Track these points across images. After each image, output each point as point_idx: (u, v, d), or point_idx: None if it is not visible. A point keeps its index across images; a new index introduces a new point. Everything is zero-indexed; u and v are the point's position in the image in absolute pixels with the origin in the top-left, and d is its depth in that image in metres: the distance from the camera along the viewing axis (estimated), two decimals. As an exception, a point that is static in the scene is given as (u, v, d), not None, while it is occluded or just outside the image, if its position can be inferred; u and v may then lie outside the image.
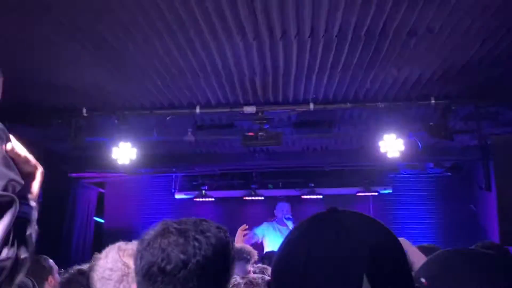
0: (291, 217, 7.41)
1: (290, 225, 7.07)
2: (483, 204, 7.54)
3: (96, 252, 2.01)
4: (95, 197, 8.53)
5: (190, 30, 3.69)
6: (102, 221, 8.79)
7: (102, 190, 8.74)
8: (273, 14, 3.50)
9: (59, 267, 6.03)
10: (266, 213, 8.15)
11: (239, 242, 4.11)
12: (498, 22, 3.69)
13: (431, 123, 5.32)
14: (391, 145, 5.39)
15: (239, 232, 4.39)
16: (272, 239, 7.09)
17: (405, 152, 5.47)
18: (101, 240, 8.65)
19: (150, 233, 1.31)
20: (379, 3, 3.38)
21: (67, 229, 7.48)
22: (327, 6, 3.38)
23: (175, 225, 1.30)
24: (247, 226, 4.45)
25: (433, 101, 5.18)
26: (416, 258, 3.13)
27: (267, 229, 7.37)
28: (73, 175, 7.84)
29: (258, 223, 7.72)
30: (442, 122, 5.21)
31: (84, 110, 5.30)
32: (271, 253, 5.20)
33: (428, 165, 8.16)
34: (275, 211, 7.80)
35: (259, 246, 7.16)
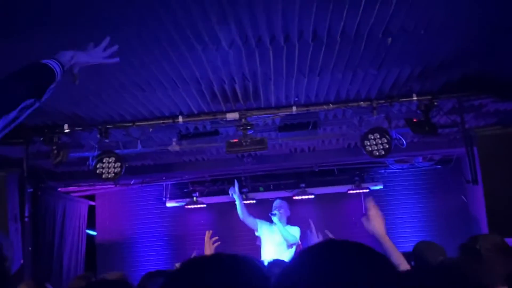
0: (274, 212, 6.72)
1: (275, 220, 6.66)
2: (473, 195, 7.55)
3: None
4: (85, 210, 8.49)
5: (164, 43, 3.66)
6: (95, 233, 8.75)
7: (93, 203, 8.70)
8: (245, 22, 3.48)
9: (52, 282, 6.02)
10: (258, 216, 8.12)
11: (207, 251, 3.90)
12: (472, 17, 3.69)
13: (414, 120, 5.31)
14: (376, 144, 5.37)
15: (206, 240, 3.98)
16: (267, 243, 6.83)
17: (391, 150, 5.46)
18: (95, 252, 8.63)
19: None
20: (350, 6, 3.36)
21: (58, 244, 7.44)
22: (298, 12, 3.36)
23: None
24: (212, 232, 4.06)
25: (415, 98, 5.17)
26: (401, 261, 3.13)
27: (267, 228, 6.99)
28: (62, 189, 7.80)
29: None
30: (425, 118, 5.20)
31: (66, 126, 5.26)
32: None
33: (417, 159, 8.17)
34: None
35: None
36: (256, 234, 7.03)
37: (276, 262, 4.80)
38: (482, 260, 2.60)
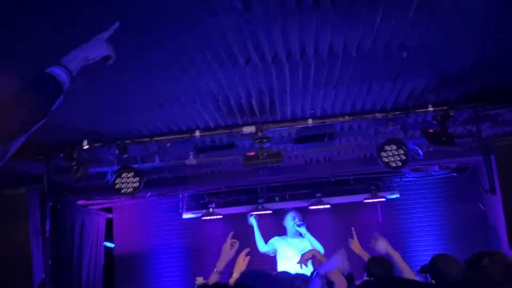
0: (303, 222, 6.89)
1: (303, 231, 6.76)
2: (491, 203, 7.50)
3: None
4: (103, 223, 8.57)
5: (183, 61, 3.72)
6: (113, 245, 8.83)
7: (110, 215, 8.78)
8: (262, 39, 3.53)
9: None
10: (275, 227, 8.13)
11: (238, 269, 3.72)
12: (489, 30, 3.70)
13: (430, 130, 5.31)
14: (393, 155, 5.38)
15: (240, 258, 3.80)
16: (284, 255, 6.86)
17: (408, 161, 5.46)
18: (113, 264, 8.70)
19: None
20: (366, 21, 3.39)
21: (77, 257, 7.51)
22: (314, 29, 3.41)
23: None
24: (249, 250, 3.87)
25: (431, 109, 5.18)
26: (405, 269, 3.26)
27: (279, 243, 7.06)
28: (81, 202, 7.89)
29: (266, 236, 7.68)
30: (442, 128, 5.20)
31: (85, 143, 5.34)
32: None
33: (433, 168, 8.14)
34: (284, 222, 7.37)
35: (271, 261, 7.11)
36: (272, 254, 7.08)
37: (301, 276, 4.80)
38: (490, 281, 2.53)
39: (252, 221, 7.14)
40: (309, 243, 6.64)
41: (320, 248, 6.57)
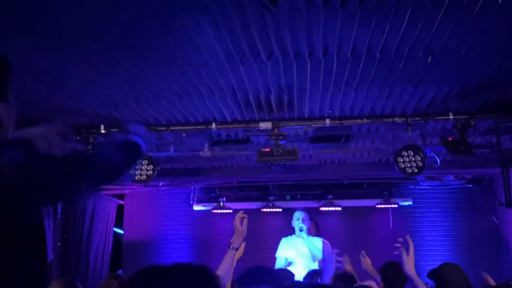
0: (303, 227, 6.52)
1: (304, 235, 6.50)
2: (505, 218, 7.40)
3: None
4: (114, 208, 8.62)
5: (205, 53, 3.71)
6: (122, 232, 8.88)
7: (122, 202, 8.83)
8: (285, 35, 3.50)
9: (78, 279, 6.13)
10: (284, 225, 8.09)
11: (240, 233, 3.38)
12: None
13: (450, 138, 5.24)
14: (410, 161, 5.32)
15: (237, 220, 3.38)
16: (289, 254, 6.79)
17: (424, 168, 5.39)
18: (120, 250, 8.75)
19: None
20: (393, 23, 3.35)
21: (86, 241, 7.57)
22: (339, 27, 3.37)
23: None
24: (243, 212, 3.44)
25: (451, 117, 5.11)
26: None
27: (287, 243, 6.90)
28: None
29: (275, 235, 7.65)
30: (461, 137, 5.13)
31: (102, 127, 5.37)
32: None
33: (448, 177, 8.05)
34: (292, 222, 7.21)
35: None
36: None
37: (314, 272, 4.79)
38: None
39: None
40: (307, 248, 6.51)
41: (318, 254, 6.47)
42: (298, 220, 6.72)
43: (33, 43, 3.46)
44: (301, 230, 6.55)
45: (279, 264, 6.57)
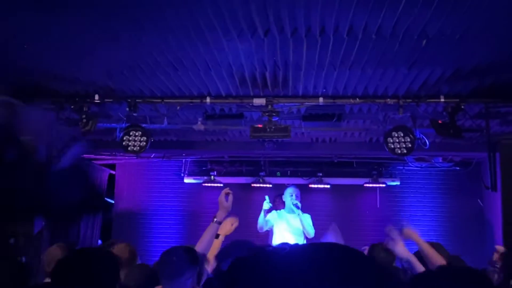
0: (299, 204, 6.73)
1: (297, 211, 6.69)
2: (490, 201, 7.56)
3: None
4: (106, 178, 8.68)
5: (203, 27, 3.73)
6: (113, 201, 8.96)
7: (113, 172, 8.88)
8: (283, 12, 3.53)
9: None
10: (273, 201, 8.21)
11: (223, 231, 3.61)
12: (509, 27, 3.69)
13: (440, 121, 5.33)
14: (399, 142, 5.41)
15: (228, 222, 3.65)
16: (280, 229, 6.88)
17: (413, 149, 5.49)
18: (111, 220, 8.84)
19: None
20: (390, 5, 3.39)
21: (78, 209, 7.62)
22: (337, 6, 3.40)
23: None
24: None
25: (442, 100, 5.18)
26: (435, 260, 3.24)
27: (278, 218, 7.04)
28: (85, 156, 7.97)
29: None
30: (451, 120, 5.22)
31: (97, 97, 5.38)
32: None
33: (436, 159, 8.17)
34: (283, 197, 7.29)
35: (265, 237, 7.20)
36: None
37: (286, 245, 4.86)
38: None
39: (266, 205, 7.04)
40: (301, 223, 6.66)
41: (310, 230, 6.63)
42: (291, 196, 6.84)
43: (33, 8, 3.45)
44: (298, 207, 6.67)
45: (260, 219, 6.78)
